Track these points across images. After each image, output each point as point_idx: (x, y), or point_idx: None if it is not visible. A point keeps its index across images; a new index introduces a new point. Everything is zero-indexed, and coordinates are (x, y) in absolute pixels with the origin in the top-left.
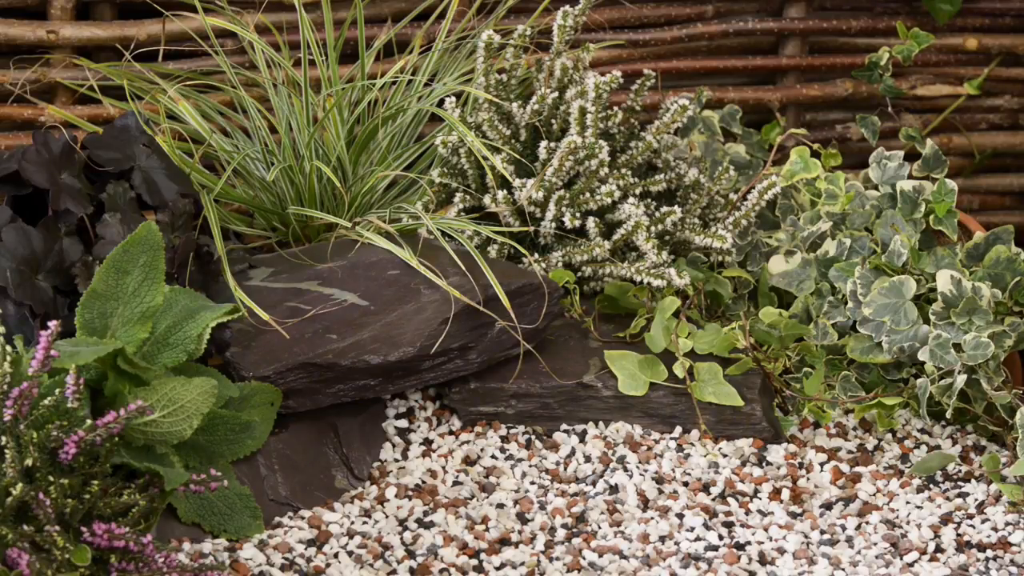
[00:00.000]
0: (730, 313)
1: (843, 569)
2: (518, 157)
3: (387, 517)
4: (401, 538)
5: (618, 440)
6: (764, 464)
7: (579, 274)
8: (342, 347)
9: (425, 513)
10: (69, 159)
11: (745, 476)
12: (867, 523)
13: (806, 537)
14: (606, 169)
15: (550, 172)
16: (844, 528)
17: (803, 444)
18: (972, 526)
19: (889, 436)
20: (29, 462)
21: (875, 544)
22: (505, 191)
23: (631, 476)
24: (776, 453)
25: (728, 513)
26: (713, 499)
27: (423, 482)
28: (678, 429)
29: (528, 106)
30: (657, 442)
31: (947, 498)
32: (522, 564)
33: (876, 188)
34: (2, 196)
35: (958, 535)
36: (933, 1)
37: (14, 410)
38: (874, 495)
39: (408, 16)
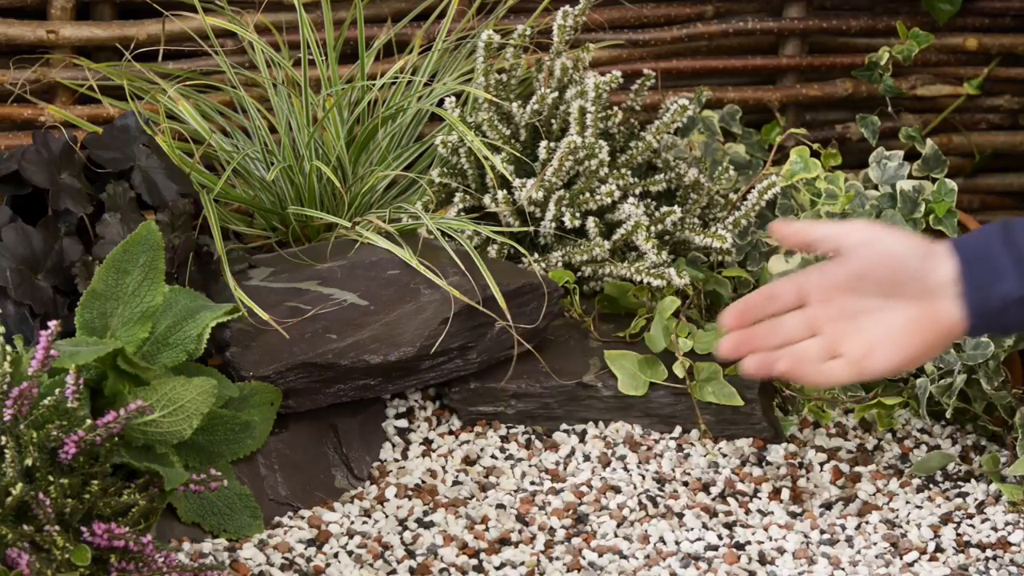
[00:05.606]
0: None
1: (843, 569)
2: (518, 157)
3: (387, 517)
4: (401, 538)
5: (618, 440)
6: (764, 464)
7: (579, 274)
8: (342, 347)
9: (425, 513)
10: (69, 159)
11: (745, 476)
12: (867, 523)
13: (806, 537)
14: (606, 169)
15: (550, 172)
16: (844, 528)
17: (803, 444)
18: (972, 526)
19: (889, 436)
20: (29, 462)
21: (875, 544)
22: (505, 191)
23: (631, 476)
24: (776, 453)
25: (728, 513)
26: (713, 499)
27: (423, 482)
28: (678, 429)
29: (528, 106)
30: (657, 442)
31: (947, 498)
32: (522, 564)
33: (876, 188)
34: (2, 196)
35: (958, 535)
36: (933, 1)
37: (14, 410)
38: (874, 495)
39: (408, 16)
